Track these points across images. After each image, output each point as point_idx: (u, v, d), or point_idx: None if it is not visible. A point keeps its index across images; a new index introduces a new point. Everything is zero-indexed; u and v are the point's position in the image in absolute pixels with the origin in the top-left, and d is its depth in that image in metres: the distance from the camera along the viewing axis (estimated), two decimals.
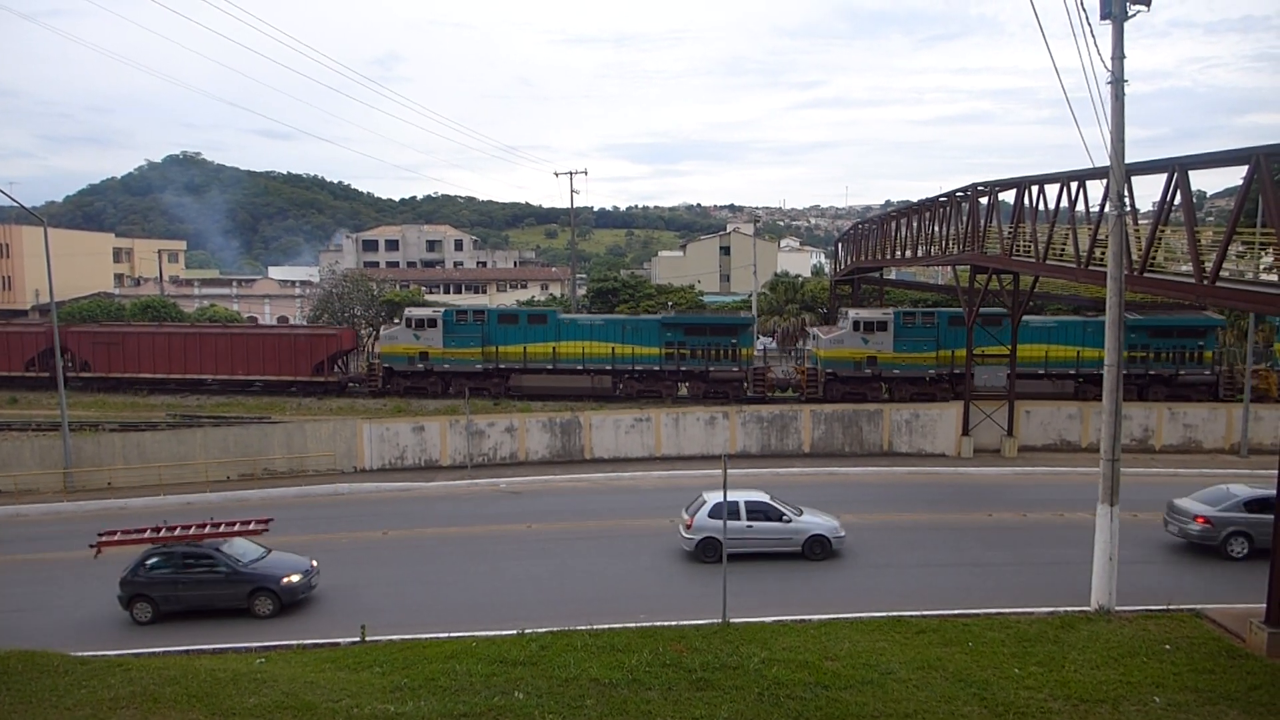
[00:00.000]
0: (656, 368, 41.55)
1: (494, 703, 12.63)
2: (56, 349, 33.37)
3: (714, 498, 20.80)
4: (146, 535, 19.55)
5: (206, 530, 19.57)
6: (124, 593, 18.96)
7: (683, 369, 41.61)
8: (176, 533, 19.56)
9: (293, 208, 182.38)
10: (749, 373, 41.98)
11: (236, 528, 19.76)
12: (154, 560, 19.09)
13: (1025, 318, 39.71)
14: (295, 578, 19.19)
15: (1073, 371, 39.81)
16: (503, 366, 42.29)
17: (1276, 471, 14.98)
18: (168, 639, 17.60)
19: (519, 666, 14.10)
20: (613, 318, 44.32)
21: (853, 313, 41.21)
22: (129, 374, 45.89)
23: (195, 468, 31.74)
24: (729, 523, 17.93)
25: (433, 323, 42.46)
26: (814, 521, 21.45)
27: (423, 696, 12.88)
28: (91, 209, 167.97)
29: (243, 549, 19.75)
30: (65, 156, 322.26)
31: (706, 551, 20.88)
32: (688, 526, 21.27)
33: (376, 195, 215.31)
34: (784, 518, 21.24)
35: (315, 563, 20.00)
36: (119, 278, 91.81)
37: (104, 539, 19.40)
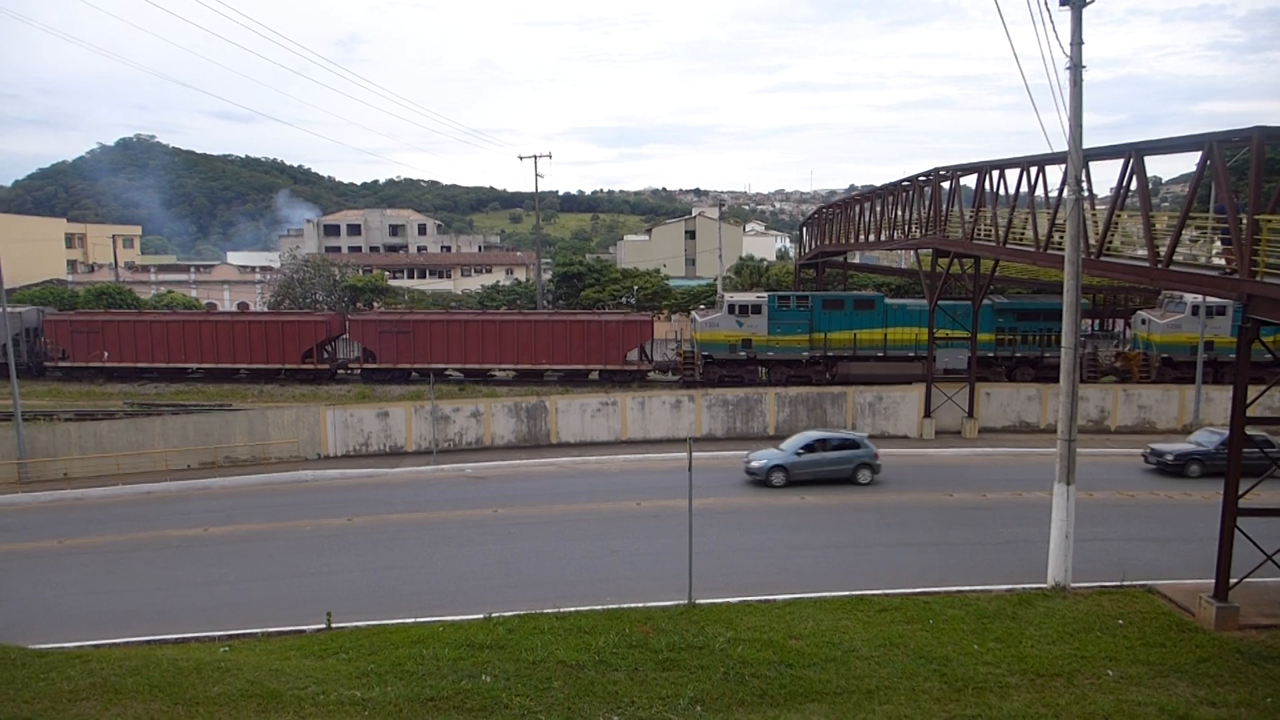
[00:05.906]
0: (990, 354, 40.43)
1: (461, 686, 12.65)
2: (7, 337, 32.53)
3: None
4: None
5: None
6: None
7: (1017, 355, 40.78)
8: None
9: (251, 192, 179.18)
10: (1082, 358, 41.15)
11: None
12: None
13: None
14: None
15: None
16: (830, 354, 41.12)
17: (1227, 445, 15.40)
18: (129, 629, 17.31)
19: (486, 650, 14.13)
20: (942, 303, 41.35)
21: (1189, 297, 38.73)
22: (418, 364, 44.12)
23: (154, 456, 31.22)
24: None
25: (757, 309, 40.68)
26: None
27: (389, 682, 12.86)
28: (42, 194, 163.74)
29: None
30: (13, 139, 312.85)
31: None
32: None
33: (337, 179, 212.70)
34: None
35: None
36: (72, 264, 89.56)
37: None
